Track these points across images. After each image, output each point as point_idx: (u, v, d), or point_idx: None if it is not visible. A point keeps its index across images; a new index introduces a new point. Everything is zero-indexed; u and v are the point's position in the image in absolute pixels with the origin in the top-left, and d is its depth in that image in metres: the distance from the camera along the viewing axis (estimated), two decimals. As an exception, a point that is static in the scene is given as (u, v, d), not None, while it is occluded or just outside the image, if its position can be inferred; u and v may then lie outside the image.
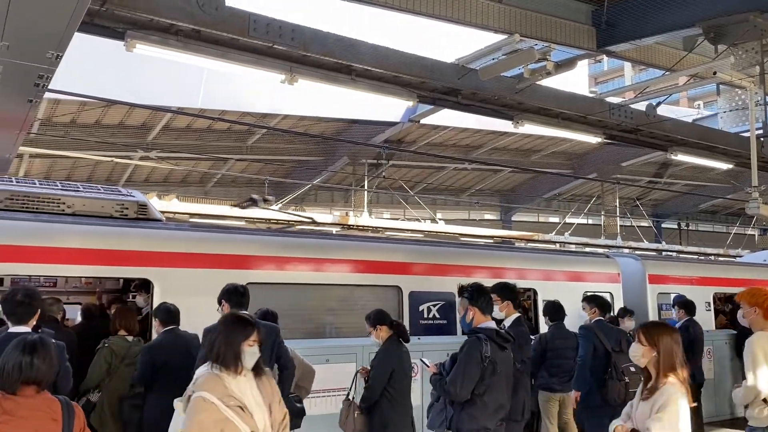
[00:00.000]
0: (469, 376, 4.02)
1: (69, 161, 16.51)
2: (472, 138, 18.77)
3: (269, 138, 17.09)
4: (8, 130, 4.22)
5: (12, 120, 4.06)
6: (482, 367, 4.02)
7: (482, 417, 4.03)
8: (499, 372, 4.06)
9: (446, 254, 8.58)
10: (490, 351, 4.07)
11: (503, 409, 4.15)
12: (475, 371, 4.00)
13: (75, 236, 6.13)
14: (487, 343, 4.10)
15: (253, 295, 6.86)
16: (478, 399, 4.03)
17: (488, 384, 4.05)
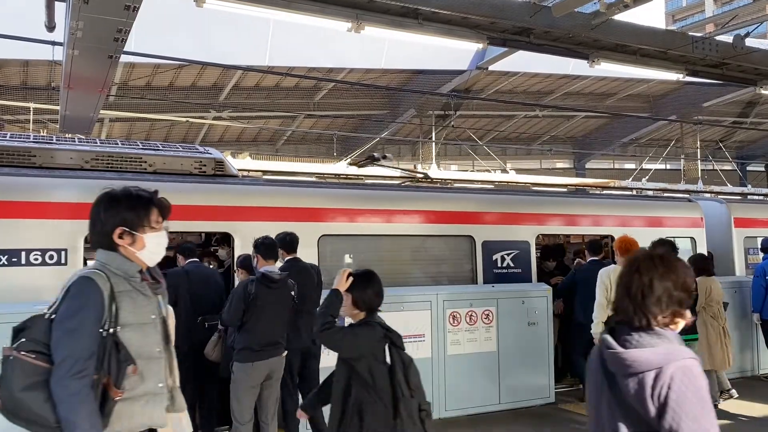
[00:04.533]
0: (236, 309, 5.04)
1: (146, 124, 17.11)
2: (543, 83, 18.14)
3: (336, 93, 17.10)
4: (91, 88, 4.38)
5: (94, 78, 4.21)
6: (246, 301, 5.02)
7: (249, 339, 5.04)
8: (258, 305, 5.03)
9: (520, 203, 8.44)
10: (255, 289, 5.04)
11: (268, 334, 5.11)
12: (239, 305, 5.02)
13: (159, 192, 6.36)
14: (253, 283, 5.08)
15: (327, 246, 7.05)
16: (245, 325, 5.06)
17: (251, 314, 5.02)
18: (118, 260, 2.55)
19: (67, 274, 5.72)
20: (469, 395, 7.07)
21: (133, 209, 2.59)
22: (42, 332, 2.35)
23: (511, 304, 7.38)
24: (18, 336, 2.38)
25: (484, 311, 7.22)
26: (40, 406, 2.26)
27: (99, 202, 2.62)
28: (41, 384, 2.28)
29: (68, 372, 2.27)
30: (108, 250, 2.57)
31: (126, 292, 2.49)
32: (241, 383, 5.06)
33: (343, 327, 3.62)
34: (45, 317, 2.39)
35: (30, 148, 6.22)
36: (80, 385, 2.28)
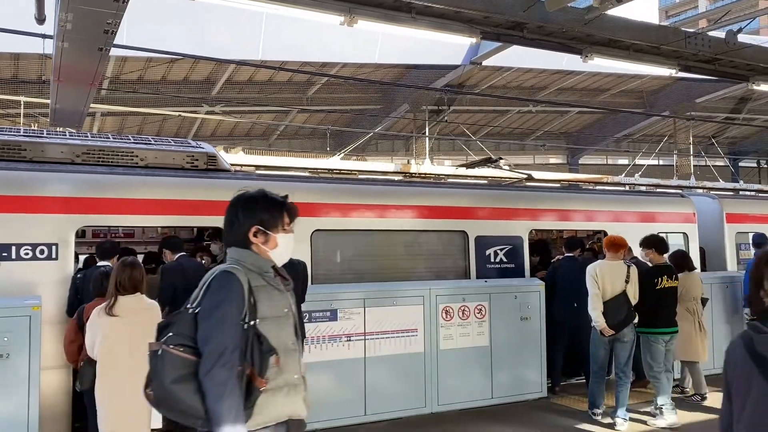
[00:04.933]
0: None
1: (138, 118, 17.01)
2: (536, 79, 18.16)
3: (329, 88, 17.06)
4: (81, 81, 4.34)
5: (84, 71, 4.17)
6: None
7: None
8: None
9: (513, 198, 8.45)
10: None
11: None
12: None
13: (150, 187, 6.35)
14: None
15: (320, 241, 7.04)
16: None
17: None
18: (253, 257, 2.66)
19: (58, 268, 5.75)
20: (461, 389, 7.08)
21: (269, 211, 2.72)
22: (188, 326, 2.44)
23: (503, 299, 7.39)
24: (163, 332, 2.47)
25: (476, 306, 7.23)
26: (191, 398, 2.35)
27: (237, 202, 2.74)
28: (190, 376, 2.37)
29: (216, 363, 2.35)
30: (242, 248, 2.67)
31: (262, 287, 2.59)
32: None
33: None
34: (189, 312, 2.49)
35: (20, 142, 6.18)
36: (227, 375, 2.36)
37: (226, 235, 2.74)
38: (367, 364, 6.58)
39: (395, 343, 6.74)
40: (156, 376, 2.37)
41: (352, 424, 6.47)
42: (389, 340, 6.72)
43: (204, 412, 2.35)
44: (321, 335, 6.41)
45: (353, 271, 7.25)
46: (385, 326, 6.69)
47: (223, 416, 2.32)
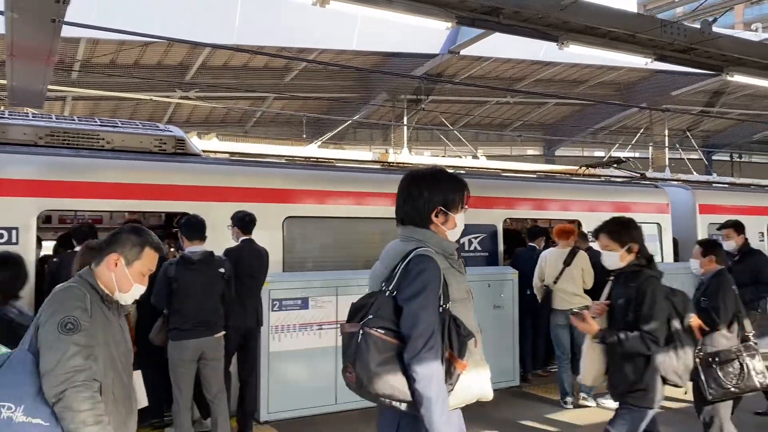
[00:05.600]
0: (158, 292, 5.07)
1: (111, 103, 16.68)
2: (515, 69, 18.14)
3: (307, 75, 16.85)
4: (37, 57, 4.14)
5: (38, 45, 3.97)
6: (168, 283, 5.06)
7: (177, 320, 5.08)
8: (180, 286, 5.06)
9: (488, 186, 8.40)
10: (174, 271, 5.07)
11: (197, 314, 5.08)
12: (161, 288, 5.06)
13: (116, 171, 6.17)
14: (172, 265, 5.12)
15: (293, 228, 6.92)
16: (173, 306, 5.08)
17: (176, 297, 5.06)
18: (436, 238, 2.58)
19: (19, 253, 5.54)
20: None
21: (453, 190, 2.63)
22: (388, 309, 2.40)
23: (476, 288, 7.21)
24: (357, 313, 2.45)
25: (450, 295, 7.16)
26: (396, 380, 2.33)
27: (420, 180, 2.64)
28: (393, 359, 2.35)
29: (423, 347, 2.33)
30: (421, 228, 2.59)
31: (448, 269, 2.52)
32: (173, 361, 5.13)
33: None
34: (386, 294, 2.44)
35: (-21, 123, 5.96)
36: (434, 359, 2.34)
37: (404, 213, 2.63)
38: (338, 353, 6.44)
39: (367, 332, 6.65)
40: (360, 359, 2.34)
41: (322, 413, 6.39)
42: (361, 328, 6.62)
43: (408, 396, 2.33)
44: (291, 323, 6.31)
45: (327, 259, 7.15)
46: (356, 314, 6.59)
47: (433, 399, 2.30)
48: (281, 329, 6.26)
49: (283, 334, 6.27)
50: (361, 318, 2.41)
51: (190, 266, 5.16)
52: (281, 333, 6.26)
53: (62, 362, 2.41)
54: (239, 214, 5.80)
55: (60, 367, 2.40)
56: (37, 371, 2.42)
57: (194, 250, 5.25)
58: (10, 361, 2.46)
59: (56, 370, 2.40)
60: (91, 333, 2.52)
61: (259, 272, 5.85)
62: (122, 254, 2.73)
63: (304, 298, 6.40)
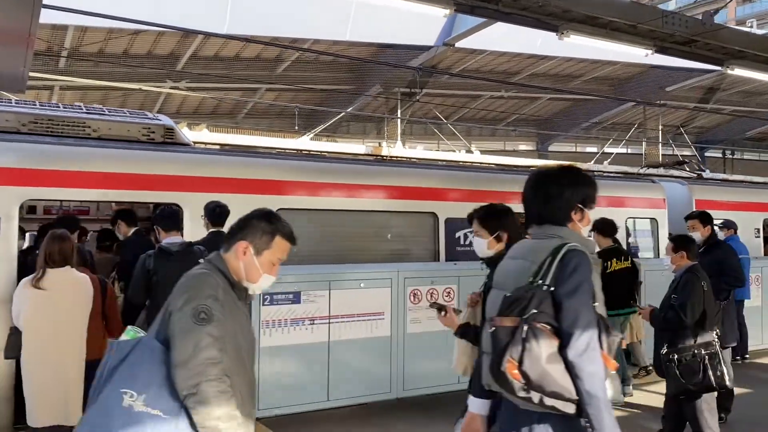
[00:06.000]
0: (136, 286, 4.90)
1: (99, 93, 16.40)
2: (510, 63, 17.98)
3: (299, 66, 16.63)
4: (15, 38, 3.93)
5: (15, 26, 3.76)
6: (147, 277, 4.86)
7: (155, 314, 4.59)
8: (159, 279, 4.81)
9: (484, 180, 8.26)
10: (153, 264, 4.86)
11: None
12: (139, 282, 4.87)
13: (102, 160, 5.98)
14: (151, 257, 4.90)
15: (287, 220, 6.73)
16: (152, 301, 4.82)
17: (156, 289, 4.80)
18: (576, 236, 2.53)
19: (1, 243, 5.36)
20: (427, 375, 6.88)
21: (590, 187, 2.60)
22: (548, 304, 2.34)
23: (473, 283, 7.10)
24: (513, 307, 2.35)
25: (445, 289, 7.02)
26: (563, 378, 2.27)
27: (560, 178, 2.58)
28: (556, 356, 2.29)
29: (590, 345, 2.28)
30: (558, 226, 2.54)
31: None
32: None
33: None
34: (543, 289, 2.35)
35: (-41, 108, 5.74)
36: (599, 357, 2.30)
37: (544, 210, 2.56)
38: (331, 348, 6.33)
39: (361, 327, 6.51)
40: (529, 355, 2.26)
41: (314, 410, 6.22)
42: (355, 323, 6.47)
43: (573, 394, 2.27)
44: (283, 318, 6.14)
45: (319, 253, 6.99)
46: (350, 309, 6.45)
47: (601, 398, 2.26)
48: (272, 324, 6.09)
49: (274, 329, 6.10)
50: (520, 312, 2.33)
51: (170, 258, 4.93)
52: (272, 328, 6.09)
53: (196, 354, 2.26)
54: (210, 204, 5.55)
55: (194, 359, 2.25)
56: (166, 361, 2.29)
57: (172, 241, 5.05)
58: (138, 347, 2.33)
59: (190, 363, 2.25)
60: (223, 323, 2.36)
61: None
62: (252, 243, 2.52)
63: (296, 292, 6.23)
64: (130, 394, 2.22)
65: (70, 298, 4.34)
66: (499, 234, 3.61)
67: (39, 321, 4.26)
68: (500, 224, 3.64)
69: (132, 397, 2.22)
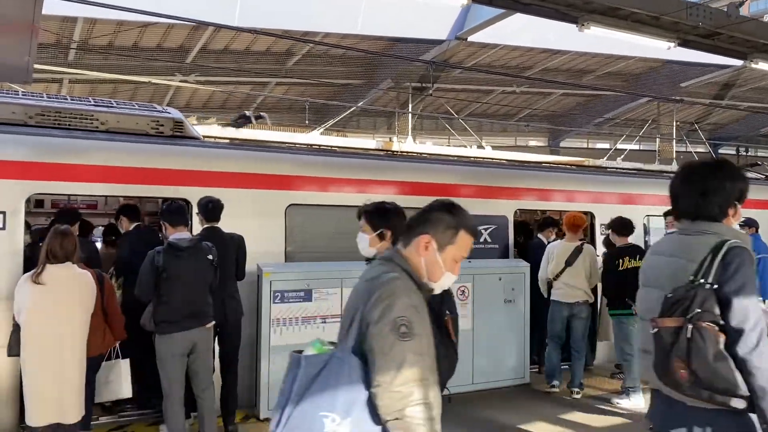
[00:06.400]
0: (146, 282, 4.77)
1: (109, 87, 16.29)
2: (522, 57, 17.72)
3: (310, 60, 16.46)
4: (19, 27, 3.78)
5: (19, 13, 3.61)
6: (156, 273, 4.73)
7: (166, 312, 4.76)
8: (170, 276, 4.74)
9: (498, 176, 8.07)
10: (162, 260, 4.74)
11: (188, 305, 4.81)
12: (148, 278, 4.74)
13: (110, 153, 5.85)
14: (160, 254, 4.78)
15: (296, 216, 6.60)
16: (161, 298, 4.76)
17: (166, 286, 4.74)
18: (733, 231, 2.51)
19: (6, 239, 5.24)
20: (441, 375, 6.73)
21: (745, 181, 2.56)
22: (712, 302, 2.33)
23: (487, 281, 7.04)
24: (675, 307, 2.34)
25: (459, 287, 6.86)
26: (731, 375, 2.28)
27: (719, 172, 2.55)
28: (722, 353, 2.29)
29: (760, 341, 2.29)
30: (715, 222, 2.51)
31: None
32: (162, 356, 4.81)
33: None
34: (706, 288, 2.33)
35: (-35, 100, 5.62)
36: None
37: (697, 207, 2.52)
38: (342, 347, 6.18)
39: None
40: (697, 355, 2.26)
41: (325, 410, 6.08)
42: (367, 322, 6.32)
43: (743, 390, 2.27)
44: (294, 316, 6.00)
45: (331, 249, 6.83)
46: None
47: None
48: (282, 322, 5.96)
49: (284, 327, 5.97)
50: (683, 312, 2.32)
51: (179, 254, 4.83)
52: (282, 326, 5.96)
53: (400, 374, 2.05)
54: (203, 200, 5.42)
55: (397, 381, 2.04)
56: (365, 379, 2.07)
57: (180, 236, 4.93)
58: (334, 363, 2.10)
59: (393, 384, 2.04)
60: (424, 336, 2.16)
61: (226, 261, 5.34)
62: (434, 236, 2.31)
63: (308, 289, 6.09)
64: (332, 418, 2.01)
65: (71, 294, 4.30)
66: (382, 232, 3.45)
67: (38, 317, 4.21)
68: (385, 222, 3.47)
69: (335, 422, 2.00)
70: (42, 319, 4.21)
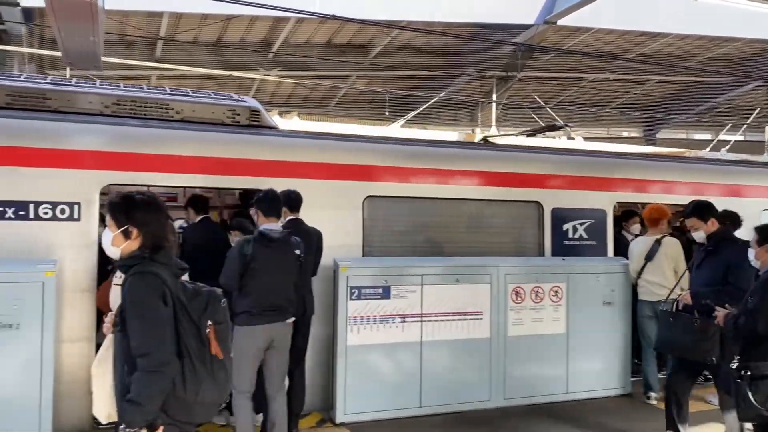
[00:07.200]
0: (232, 271, 4.59)
1: (195, 82, 16.57)
2: (617, 42, 16.62)
3: (391, 51, 16.09)
4: (78, 12, 3.59)
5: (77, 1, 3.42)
6: (243, 263, 4.56)
7: (248, 303, 4.60)
8: (258, 266, 4.58)
9: (598, 165, 7.39)
10: (252, 249, 4.57)
11: (270, 298, 4.63)
12: (235, 267, 4.57)
13: (185, 143, 5.67)
14: (250, 243, 4.61)
15: (375, 209, 6.22)
16: (244, 288, 4.60)
17: (251, 276, 4.58)
18: None
19: (80, 230, 5.14)
20: (532, 382, 6.19)
21: None
22: None
23: (584, 281, 6.42)
24: None
25: (552, 287, 6.28)
26: None
27: None
28: None
29: None
30: None
31: None
32: (240, 348, 4.53)
33: None
34: None
35: (45, 90, 5.56)
36: None
37: None
38: (423, 348, 5.76)
39: (456, 327, 5.89)
40: None
41: (404, 416, 5.68)
42: (450, 322, 5.87)
43: None
44: (371, 314, 5.63)
45: (411, 244, 6.42)
46: (445, 307, 5.85)
47: None
48: (360, 320, 5.60)
49: (362, 325, 5.61)
50: None
51: (269, 245, 4.64)
52: (360, 325, 5.60)
53: None
54: (285, 192, 5.20)
55: None
56: None
57: (271, 227, 4.74)
58: None
59: None
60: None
61: (306, 256, 5.04)
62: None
63: (386, 286, 5.70)
64: None
65: None
66: (127, 229, 2.76)
67: None
68: (129, 218, 2.77)
69: None
70: None
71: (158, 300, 2.59)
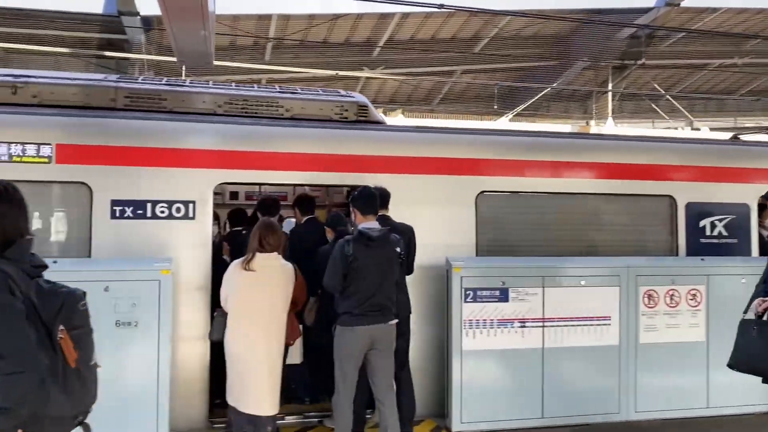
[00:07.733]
0: (335, 273, 4.49)
1: (301, 83, 16.83)
2: (748, 23, 15.17)
3: (498, 43, 15.55)
4: (189, 12, 3.56)
5: (189, 2, 3.36)
6: (345, 263, 4.45)
7: (350, 304, 4.49)
8: (359, 266, 4.45)
9: (738, 154, 6.64)
10: (353, 249, 4.44)
11: (372, 298, 4.48)
12: (338, 268, 4.48)
13: (294, 140, 5.61)
14: (350, 243, 4.49)
15: (488, 205, 5.88)
16: (347, 290, 4.51)
17: (353, 276, 4.47)
18: None
19: (195, 229, 5.17)
20: (666, 394, 5.61)
21: None
22: None
23: (726, 283, 5.75)
24: None
25: (690, 290, 5.67)
26: None
27: None
28: None
29: None
30: None
31: None
32: (339, 348, 4.54)
33: None
34: None
35: (160, 91, 5.67)
36: None
37: None
38: (545, 356, 5.35)
39: (582, 333, 5.44)
40: None
41: (525, 427, 5.31)
42: (574, 328, 5.42)
43: None
44: (488, 318, 5.29)
45: (529, 242, 6.01)
46: (569, 311, 5.41)
47: None
48: (475, 324, 5.28)
49: (477, 330, 5.28)
50: None
51: (369, 244, 4.49)
52: (476, 329, 5.28)
53: None
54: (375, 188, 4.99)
55: None
56: None
57: (370, 226, 4.58)
58: None
59: None
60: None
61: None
62: None
63: (503, 288, 5.34)
64: None
65: (276, 284, 4.43)
66: None
67: (246, 302, 4.37)
68: None
69: None
70: (250, 305, 4.36)
71: (7, 295, 2.20)
